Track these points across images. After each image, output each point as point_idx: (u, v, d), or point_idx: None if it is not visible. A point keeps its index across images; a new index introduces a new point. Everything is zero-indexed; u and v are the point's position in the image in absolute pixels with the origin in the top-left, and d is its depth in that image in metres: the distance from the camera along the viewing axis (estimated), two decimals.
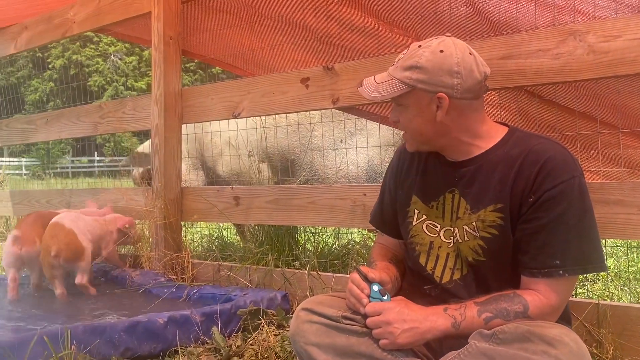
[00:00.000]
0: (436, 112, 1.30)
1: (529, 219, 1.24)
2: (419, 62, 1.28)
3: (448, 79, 1.27)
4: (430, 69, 1.27)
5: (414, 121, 1.34)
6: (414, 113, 1.33)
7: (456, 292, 1.33)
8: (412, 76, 1.29)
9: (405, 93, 1.30)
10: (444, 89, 1.27)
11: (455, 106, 1.30)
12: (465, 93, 1.28)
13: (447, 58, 1.27)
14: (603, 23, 1.62)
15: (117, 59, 28.85)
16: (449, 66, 1.27)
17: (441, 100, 1.28)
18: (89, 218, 2.70)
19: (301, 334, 1.32)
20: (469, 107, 1.31)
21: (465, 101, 1.30)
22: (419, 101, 1.31)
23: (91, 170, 19.07)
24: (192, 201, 2.83)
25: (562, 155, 1.25)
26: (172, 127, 2.83)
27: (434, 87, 1.28)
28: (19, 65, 26.34)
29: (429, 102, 1.30)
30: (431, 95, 1.29)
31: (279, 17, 2.64)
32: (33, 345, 1.61)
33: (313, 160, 3.37)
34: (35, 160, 20.35)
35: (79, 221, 2.61)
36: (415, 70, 1.28)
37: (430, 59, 1.28)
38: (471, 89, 1.29)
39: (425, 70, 1.27)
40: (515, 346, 1.09)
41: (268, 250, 2.59)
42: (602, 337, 1.60)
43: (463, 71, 1.27)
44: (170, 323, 1.86)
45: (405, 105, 1.34)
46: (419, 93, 1.30)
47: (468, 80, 1.28)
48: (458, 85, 1.27)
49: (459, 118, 1.32)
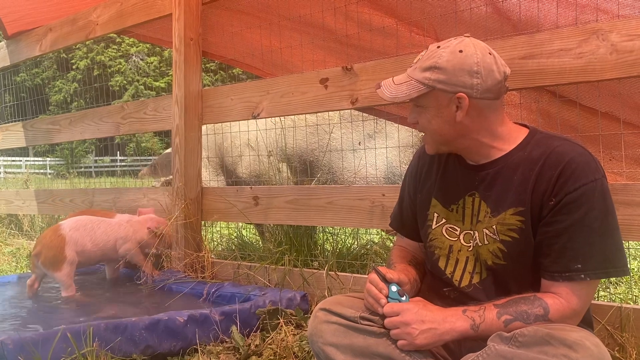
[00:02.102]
0: (456, 112, 1.29)
1: (550, 221, 1.22)
2: (438, 62, 1.28)
3: (468, 79, 1.26)
4: (450, 69, 1.26)
5: (433, 122, 1.33)
6: (433, 114, 1.32)
7: (475, 296, 1.32)
8: (431, 77, 1.28)
9: (424, 94, 1.30)
10: (464, 89, 1.26)
11: (475, 106, 1.29)
12: (485, 93, 1.27)
13: (466, 58, 1.26)
14: (627, 22, 1.60)
15: (138, 59, 29.22)
16: (469, 66, 1.26)
17: (461, 101, 1.27)
18: (105, 224, 2.66)
19: (319, 334, 1.32)
20: (488, 108, 1.30)
21: (485, 101, 1.29)
22: (438, 102, 1.30)
23: (113, 170, 19.36)
24: (212, 201, 2.85)
25: (583, 158, 1.23)
26: (192, 127, 2.86)
27: (454, 87, 1.27)
28: (44, 67, 26.84)
29: (448, 103, 1.29)
30: (450, 96, 1.28)
31: (298, 17, 2.64)
32: (56, 342, 1.65)
33: (332, 162, 3.37)
34: (60, 159, 20.71)
35: (82, 230, 2.56)
36: (435, 70, 1.28)
37: (449, 59, 1.27)
38: (491, 89, 1.28)
39: (444, 71, 1.27)
40: (535, 349, 1.08)
41: (287, 250, 2.60)
42: (624, 341, 1.58)
43: (483, 71, 1.26)
44: (190, 322, 1.88)
45: (424, 106, 1.33)
46: (438, 94, 1.29)
47: (488, 80, 1.27)
48: (478, 85, 1.26)
49: (478, 118, 1.30)
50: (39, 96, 5.35)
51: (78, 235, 2.54)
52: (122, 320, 1.82)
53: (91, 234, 2.59)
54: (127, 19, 3.18)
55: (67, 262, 2.48)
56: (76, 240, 2.53)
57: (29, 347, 1.61)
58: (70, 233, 2.52)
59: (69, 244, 2.49)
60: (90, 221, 2.63)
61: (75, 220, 2.61)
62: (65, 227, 2.54)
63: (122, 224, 2.73)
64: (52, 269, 2.46)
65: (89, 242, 2.57)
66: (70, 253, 2.49)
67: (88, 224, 2.61)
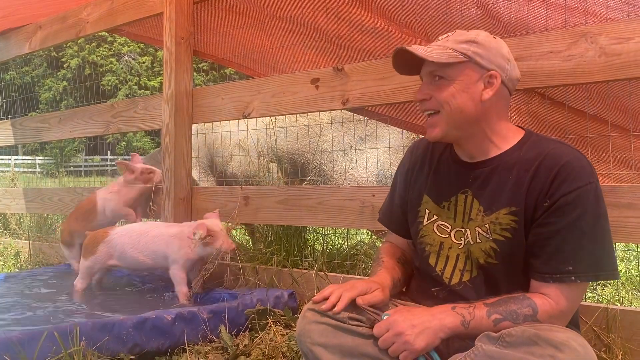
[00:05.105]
0: (483, 90, 1.30)
1: (543, 223, 1.23)
2: (476, 38, 1.31)
3: (502, 61, 1.30)
4: (488, 46, 1.30)
5: (458, 97, 1.30)
6: (459, 88, 1.30)
7: (465, 294, 1.33)
8: (470, 48, 1.29)
9: (456, 64, 1.29)
10: (498, 68, 1.30)
11: (500, 92, 1.31)
12: (509, 82, 1.33)
13: (500, 43, 1.33)
14: (615, 25, 1.61)
15: (130, 59, 29.07)
16: (503, 51, 1.32)
17: (492, 78, 1.29)
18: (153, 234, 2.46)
19: (307, 334, 1.32)
20: (505, 100, 1.34)
21: (505, 91, 1.33)
22: (469, 76, 1.30)
23: (104, 169, 19.24)
24: (202, 201, 2.84)
25: (579, 161, 1.24)
26: (182, 126, 2.85)
27: (489, 63, 1.29)
28: (34, 65, 26.64)
29: (478, 79, 1.30)
30: (482, 72, 1.29)
31: (289, 17, 2.64)
32: (42, 342, 1.63)
33: (322, 165, 3.37)
34: (49, 158, 20.56)
35: (127, 237, 2.46)
36: (474, 44, 1.30)
37: (486, 40, 1.31)
38: (513, 80, 1.34)
39: (483, 47, 1.30)
40: (522, 349, 1.08)
41: (277, 251, 2.60)
42: (611, 342, 1.59)
43: (512, 60, 1.33)
44: (177, 320, 1.87)
45: (451, 78, 1.30)
46: (472, 67, 1.30)
47: (513, 70, 1.33)
48: (508, 71, 1.31)
49: (497, 106, 1.32)
50: (28, 94, 5.30)
51: (121, 240, 2.45)
52: (109, 319, 1.80)
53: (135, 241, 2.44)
54: (117, 17, 3.16)
55: (94, 257, 2.48)
56: (117, 244, 2.45)
57: (14, 347, 1.59)
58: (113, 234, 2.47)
59: (107, 243, 2.47)
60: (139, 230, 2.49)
61: (126, 227, 2.55)
62: (114, 230, 2.52)
63: (171, 237, 2.39)
64: (82, 255, 2.54)
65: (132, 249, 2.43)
66: (103, 250, 2.47)
67: (135, 232, 2.48)
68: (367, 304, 1.29)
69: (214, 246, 2.29)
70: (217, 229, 2.31)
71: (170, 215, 2.79)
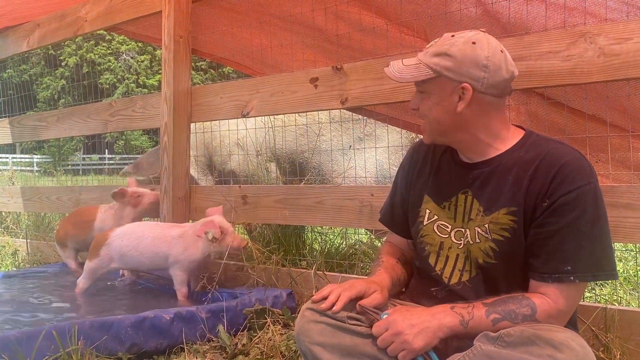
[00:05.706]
0: (457, 102, 1.29)
1: (542, 223, 1.23)
2: (449, 50, 1.29)
3: (475, 71, 1.27)
4: (460, 58, 1.27)
5: (433, 110, 1.33)
6: (435, 101, 1.32)
7: (464, 294, 1.33)
8: (440, 63, 1.29)
9: (430, 79, 1.30)
10: (470, 80, 1.27)
11: (478, 100, 1.29)
12: (489, 88, 1.28)
13: (477, 50, 1.27)
14: (614, 25, 1.61)
15: (129, 57, 29.02)
16: (479, 59, 1.27)
17: (464, 91, 1.28)
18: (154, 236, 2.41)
19: (306, 333, 1.32)
20: (491, 105, 1.31)
21: (489, 97, 1.30)
22: (442, 89, 1.31)
23: (101, 168, 19.22)
24: (200, 200, 2.84)
25: (578, 161, 1.24)
26: (181, 125, 2.84)
27: (460, 76, 1.28)
28: (32, 63, 26.57)
29: (451, 92, 1.30)
30: (455, 85, 1.29)
31: (288, 16, 2.64)
32: (40, 341, 1.63)
33: (321, 165, 3.37)
34: (47, 157, 20.51)
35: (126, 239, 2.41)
36: (445, 57, 1.28)
37: (461, 49, 1.28)
38: (497, 85, 1.29)
39: (454, 59, 1.28)
40: (521, 349, 1.09)
41: (275, 250, 2.60)
42: (609, 342, 1.59)
43: (491, 66, 1.27)
44: (176, 319, 1.87)
45: (428, 92, 1.33)
46: (443, 81, 1.30)
47: (495, 76, 1.28)
48: (484, 79, 1.27)
49: (480, 114, 1.31)
50: (26, 92, 5.28)
51: (120, 242, 2.41)
52: (107, 318, 1.80)
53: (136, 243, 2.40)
54: (116, 15, 3.15)
55: (98, 260, 2.42)
56: (116, 247, 2.40)
57: (12, 346, 1.59)
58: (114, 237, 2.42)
59: (108, 246, 2.40)
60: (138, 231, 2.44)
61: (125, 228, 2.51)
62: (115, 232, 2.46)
63: (174, 238, 2.34)
64: (88, 256, 2.49)
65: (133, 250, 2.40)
66: (105, 253, 2.40)
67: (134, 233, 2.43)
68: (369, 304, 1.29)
69: (224, 244, 2.21)
70: (226, 226, 2.23)
71: (168, 214, 2.78)
